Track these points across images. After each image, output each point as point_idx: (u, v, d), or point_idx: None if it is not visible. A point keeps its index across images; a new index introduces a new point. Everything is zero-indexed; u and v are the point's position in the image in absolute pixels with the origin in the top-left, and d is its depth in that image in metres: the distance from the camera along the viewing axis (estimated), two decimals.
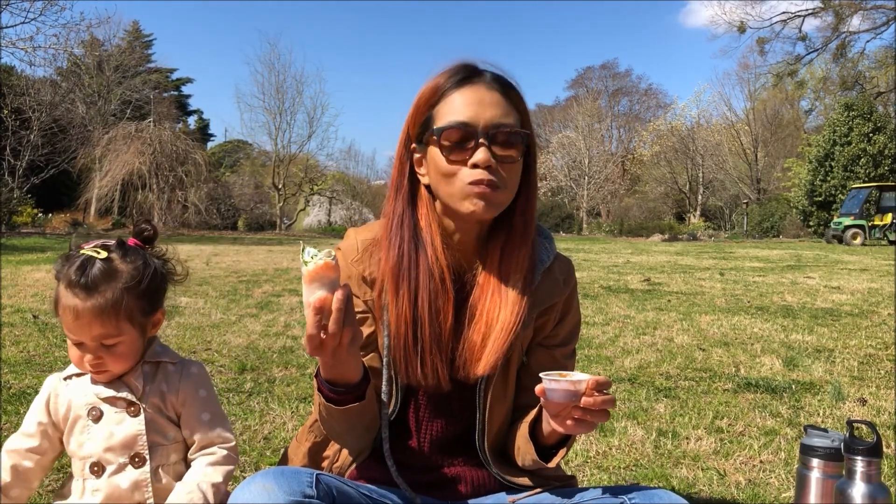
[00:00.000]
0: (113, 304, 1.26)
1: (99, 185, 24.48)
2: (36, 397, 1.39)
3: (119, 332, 1.29)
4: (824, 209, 28.72)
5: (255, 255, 12.87)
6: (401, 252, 1.24)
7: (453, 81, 1.22)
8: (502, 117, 1.20)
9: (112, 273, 1.28)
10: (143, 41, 41.46)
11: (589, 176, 39.38)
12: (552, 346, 1.35)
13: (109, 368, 1.31)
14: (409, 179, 1.28)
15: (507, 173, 1.21)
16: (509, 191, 1.23)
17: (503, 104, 1.21)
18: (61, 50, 20.22)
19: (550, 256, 1.34)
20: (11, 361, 3.73)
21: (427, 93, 1.23)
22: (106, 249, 1.31)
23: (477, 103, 1.20)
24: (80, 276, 1.26)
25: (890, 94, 32.22)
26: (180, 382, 1.36)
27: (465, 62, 1.24)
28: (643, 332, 5.07)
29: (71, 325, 1.27)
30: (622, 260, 13.23)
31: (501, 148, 1.19)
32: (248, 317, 5.48)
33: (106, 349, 1.29)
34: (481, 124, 1.19)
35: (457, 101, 1.20)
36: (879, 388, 3.53)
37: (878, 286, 8.43)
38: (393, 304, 1.23)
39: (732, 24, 34.77)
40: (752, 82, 38.73)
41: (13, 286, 7.11)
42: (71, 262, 1.29)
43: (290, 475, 1.09)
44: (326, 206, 37.00)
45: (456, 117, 1.19)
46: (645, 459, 2.50)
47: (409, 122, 1.26)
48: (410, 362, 1.23)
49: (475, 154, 1.18)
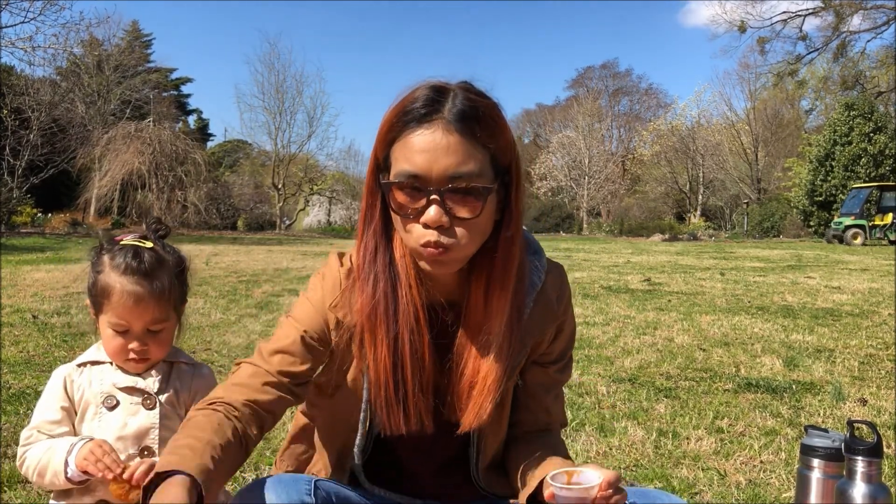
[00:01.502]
0: (169, 289, 1.34)
1: (98, 185, 24.50)
2: (48, 387, 1.39)
3: (167, 317, 1.36)
4: (825, 209, 28.71)
5: (254, 255, 12.87)
6: (376, 296, 1.13)
7: (411, 116, 1.05)
8: (459, 166, 1.02)
9: (162, 260, 1.36)
10: (142, 41, 41.46)
11: (589, 176, 39.39)
12: (547, 364, 1.28)
13: (151, 356, 1.36)
14: (382, 211, 1.14)
15: (466, 229, 1.06)
16: (470, 245, 1.08)
17: (463, 148, 1.03)
18: (61, 50, 20.25)
19: (542, 275, 1.23)
20: (11, 361, 3.73)
21: (385, 125, 1.08)
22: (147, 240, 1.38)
23: (431, 150, 1.02)
24: (138, 263, 1.32)
25: (890, 94, 32.21)
26: (193, 381, 1.41)
27: (431, 85, 1.07)
28: (643, 332, 5.07)
29: (128, 310, 1.31)
30: (622, 260, 13.23)
31: (457, 205, 1.04)
32: (247, 317, 5.48)
33: (152, 335, 1.34)
34: (434, 176, 1.02)
35: (410, 146, 1.04)
36: (880, 388, 3.53)
37: (878, 286, 8.42)
38: (371, 352, 1.14)
39: (733, 24, 34.79)
40: (752, 82, 38.75)
41: (13, 286, 7.11)
42: (119, 251, 1.34)
43: (287, 483, 1.08)
44: (326, 206, 37.03)
45: (406, 167, 1.04)
46: (645, 460, 2.49)
47: (376, 148, 1.11)
48: (392, 412, 1.14)
49: (426, 212, 1.04)
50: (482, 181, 1.05)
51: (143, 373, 1.38)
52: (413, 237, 1.07)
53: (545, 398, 1.28)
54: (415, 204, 1.05)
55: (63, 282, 7.60)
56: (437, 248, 1.05)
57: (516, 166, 1.11)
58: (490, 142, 1.06)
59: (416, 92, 1.06)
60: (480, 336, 1.15)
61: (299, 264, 10.83)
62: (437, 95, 1.05)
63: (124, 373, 1.37)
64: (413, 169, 1.03)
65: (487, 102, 1.07)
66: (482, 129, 1.05)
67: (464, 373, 1.16)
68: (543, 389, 1.28)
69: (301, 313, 1.20)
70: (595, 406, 3.14)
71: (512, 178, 1.11)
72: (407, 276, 1.14)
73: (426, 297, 1.16)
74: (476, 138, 1.04)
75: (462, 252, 1.08)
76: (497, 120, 1.08)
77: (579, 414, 2.99)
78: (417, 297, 1.14)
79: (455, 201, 1.04)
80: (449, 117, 1.03)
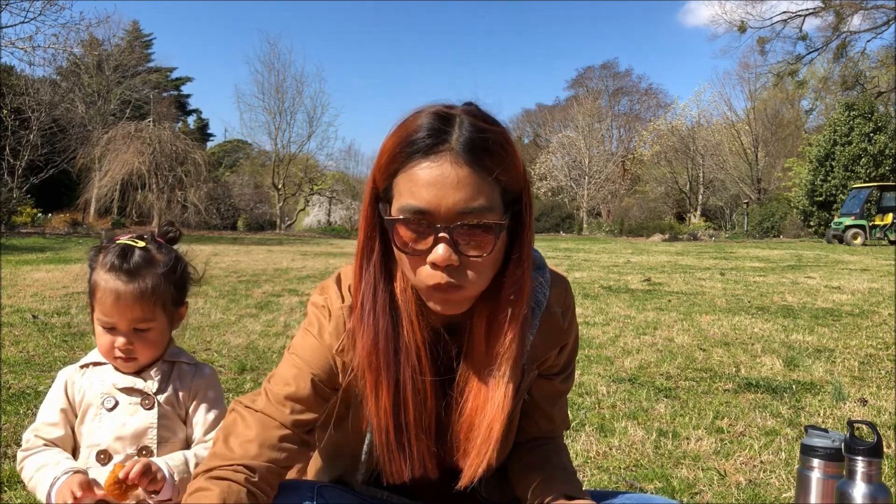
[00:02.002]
0: (152, 289, 1.34)
1: (98, 185, 24.49)
2: (51, 388, 1.41)
3: (153, 318, 1.35)
4: (825, 209, 28.72)
5: (254, 255, 12.87)
6: (377, 337, 1.06)
7: (416, 147, 0.97)
8: (469, 202, 0.95)
9: (151, 260, 1.37)
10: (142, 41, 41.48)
11: (589, 176, 39.40)
12: (552, 376, 1.25)
13: (138, 356, 1.36)
14: (381, 243, 1.06)
15: (477, 269, 1.00)
16: (481, 283, 1.03)
17: (473, 182, 0.96)
18: (61, 49, 20.25)
19: (546, 291, 1.17)
20: (11, 361, 3.73)
21: (387, 153, 1.00)
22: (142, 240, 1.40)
23: (439, 185, 0.95)
24: (122, 261, 1.34)
25: (890, 94, 32.21)
26: (193, 381, 1.41)
27: (435, 111, 0.99)
28: (643, 332, 5.07)
29: (110, 308, 1.33)
30: (622, 260, 13.23)
31: (467, 242, 0.97)
32: (247, 317, 5.48)
33: (138, 335, 1.35)
34: (442, 212, 0.95)
35: (416, 179, 0.96)
36: (880, 388, 3.53)
37: (878, 286, 8.42)
38: (372, 396, 1.07)
39: (733, 24, 34.82)
40: (752, 82, 38.75)
41: (13, 286, 7.11)
42: (110, 250, 1.37)
43: (290, 490, 1.07)
44: (326, 206, 37.04)
45: (412, 201, 0.96)
46: (645, 460, 2.49)
47: (375, 175, 1.03)
48: (394, 458, 1.09)
49: (434, 251, 0.97)
50: (493, 216, 0.98)
51: (142, 373, 1.38)
52: (420, 278, 1.00)
53: (550, 408, 1.27)
54: (421, 242, 0.98)
55: (63, 282, 7.60)
56: (448, 290, 0.99)
57: (527, 194, 1.05)
58: (501, 174, 0.98)
59: (420, 119, 0.98)
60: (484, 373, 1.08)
61: (299, 264, 10.83)
62: (442, 124, 0.97)
63: (123, 373, 1.38)
64: (419, 204, 0.96)
65: (496, 129, 1.00)
66: (492, 161, 0.97)
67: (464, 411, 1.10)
68: (548, 401, 1.27)
69: (308, 353, 1.13)
70: (595, 406, 3.14)
71: (522, 206, 1.04)
72: (408, 312, 1.07)
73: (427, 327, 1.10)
74: (486, 170, 0.97)
75: (473, 291, 1.02)
76: (507, 148, 1.00)
77: (579, 414, 2.99)
78: (419, 333, 1.08)
79: (465, 239, 0.97)
80: (457, 148, 0.96)
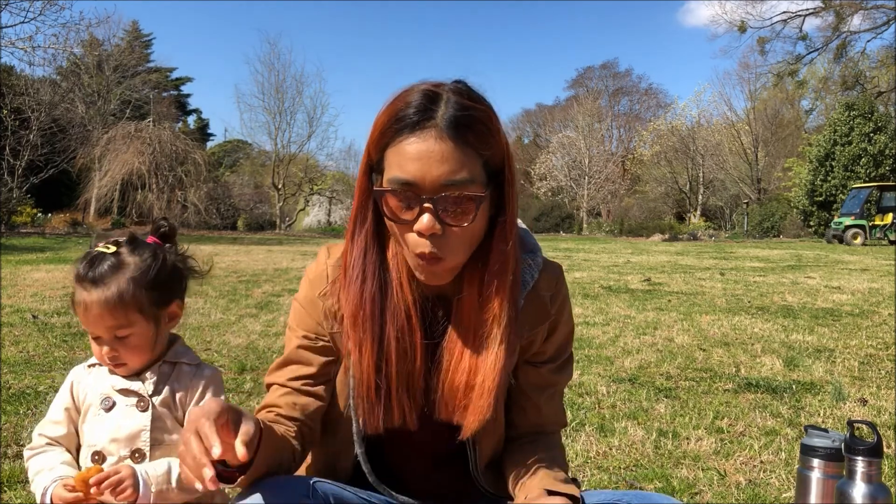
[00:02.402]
0: (119, 296, 1.30)
1: (98, 185, 24.51)
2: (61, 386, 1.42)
3: (129, 324, 1.32)
4: (825, 209, 28.72)
5: (254, 255, 12.88)
6: (363, 297, 1.13)
7: (404, 123, 1.04)
8: (452, 174, 1.02)
9: (119, 266, 1.32)
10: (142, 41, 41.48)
11: (589, 176, 39.39)
12: (539, 364, 1.26)
13: (126, 361, 1.35)
14: (374, 211, 1.13)
15: (459, 237, 1.06)
16: (462, 254, 1.10)
17: (456, 156, 1.02)
18: (61, 50, 20.23)
19: (535, 273, 1.22)
20: (11, 361, 3.73)
21: (378, 129, 1.07)
22: (116, 245, 1.37)
23: (424, 158, 1.02)
24: (87, 270, 1.32)
25: (890, 94, 32.21)
26: (192, 381, 1.40)
27: (423, 89, 1.06)
28: (643, 332, 5.07)
29: (84, 318, 1.33)
30: (622, 260, 13.23)
31: (450, 214, 1.04)
32: (247, 317, 5.48)
33: (120, 341, 1.33)
34: (427, 184, 1.02)
35: (404, 152, 1.03)
36: (880, 388, 3.53)
37: (878, 286, 8.42)
38: (355, 352, 1.14)
39: (733, 24, 34.81)
40: (752, 82, 38.74)
41: (13, 286, 7.11)
42: (83, 258, 1.35)
43: (284, 487, 1.07)
44: (326, 206, 37.05)
45: (399, 174, 1.04)
46: (645, 460, 2.49)
47: (369, 148, 1.10)
48: (373, 410, 1.15)
49: (419, 220, 1.04)
50: (475, 189, 1.05)
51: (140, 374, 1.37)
52: (407, 243, 1.07)
53: (538, 398, 1.27)
54: (408, 211, 1.05)
55: (63, 282, 7.60)
56: (431, 259, 1.06)
57: (510, 167, 1.11)
58: (483, 148, 1.05)
59: (409, 96, 1.05)
60: (476, 334, 1.14)
61: (299, 264, 10.83)
62: (429, 102, 1.04)
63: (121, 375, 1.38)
64: (406, 177, 1.03)
65: (480, 107, 1.06)
66: (475, 136, 1.04)
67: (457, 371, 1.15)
68: (536, 390, 1.26)
69: (294, 319, 1.24)
70: (595, 406, 3.14)
71: (505, 178, 1.11)
72: (399, 274, 1.15)
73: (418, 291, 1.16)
74: (469, 145, 1.04)
75: (454, 262, 1.09)
76: (490, 125, 1.07)
77: (579, 414, 2.99)
78: (409, 295, 1.14)
79: (448, 209, 1.04)
80: (442, 125, 1.02)
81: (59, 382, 3.37)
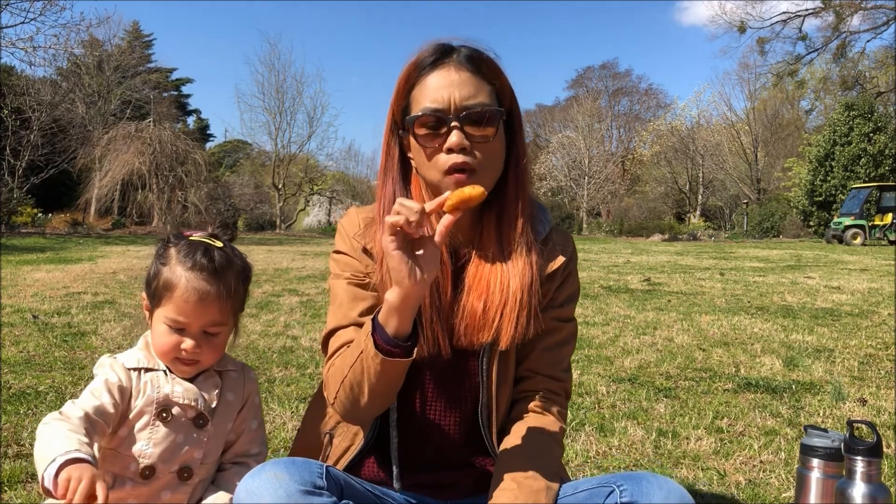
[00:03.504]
0: (234, 292, 1.29)
1: (99, 185, 24.48)
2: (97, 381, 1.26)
3: (225, 321, 1.30)
4: (824, 209, 28.72)
5: (254, 255, 12.80)
6: None
7: (424, 65, 1.22)
8: (473, 97, 1.19)
9: (231, 261, 1.31)
10: (142, 41, 41.49)
11: (589, 176, 39.38)
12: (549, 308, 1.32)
13: (202, 359, 1.29)
14: (400, 161, 1.29)
15: (484, 153, 1.20)
16: (490, 170, 1.23)
17: (474, 82, 1.20)
18: (61, 50, 20.25)
19: (547, 228, 1.34)
20: (11, 361, 3.73)
21: (402, 80, 1.24)
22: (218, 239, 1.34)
23: (447, 86, 1.19)
24: (208, 260, 1.27)
25: (890, 94, 32.22)
26: (245, 388, 1.37)
27: (437, 42, 1.23)
28: (643, 332, 5.07)
29: (191, 308, 1.25)
30: (622, 260, 13.23)
31: (475, 127, 1.19)
32: (247, 317, 5.47)
33: (207, 337, 1.28)
34: (452, 107, 1.18)
35: (428, 86, 1.20)
36: (879, 388, 3.53)
37: (878, 286, 8.42)
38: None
39: (733, 24, 34.81)
40: (752, 82, 38.77)
41: (13, 286, 7.11)
42: (191, 247, 1.29)
43: (301, 465, 1.09)
44: (326, 206, 37.02)
45: (427, 104, 1.19)
46: (645, 459, 2.50)
47: (393, 106, 1.26)
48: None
49: (448, 138, 1.18)
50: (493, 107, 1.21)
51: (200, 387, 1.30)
52: (438, 165, 1.20)
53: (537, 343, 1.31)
54: (438, 133, 1.19)
55: (63, 282, 7.60)
56: (463, 171, 1.18)
57: (517, 111, 1.29)
58: (494, 79, 1.23)
59: (425, 47, 1.23)
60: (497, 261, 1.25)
61: (299, 264, 10.83)
62: (444, 48, 1.23)
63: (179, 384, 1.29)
64: (433, 104, 1.19)
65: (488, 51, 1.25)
66: (488, 68, 1.23)
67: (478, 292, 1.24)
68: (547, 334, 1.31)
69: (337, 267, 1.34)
70: (595, 406, 3.14)
71: (514, 120, 1.28)
72: None
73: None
74: (483, 75, 1.22)
75: (483, 177, 1.20)
76: (498, 65, 1.25)
77: (579, 414, 2.99)
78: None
79: (472, 126, 1.19)
80: (459, 59, 1.21)
81: (60, 382, 3.38)
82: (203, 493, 1.31)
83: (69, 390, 3.15)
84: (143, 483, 1.25)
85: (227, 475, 1.32)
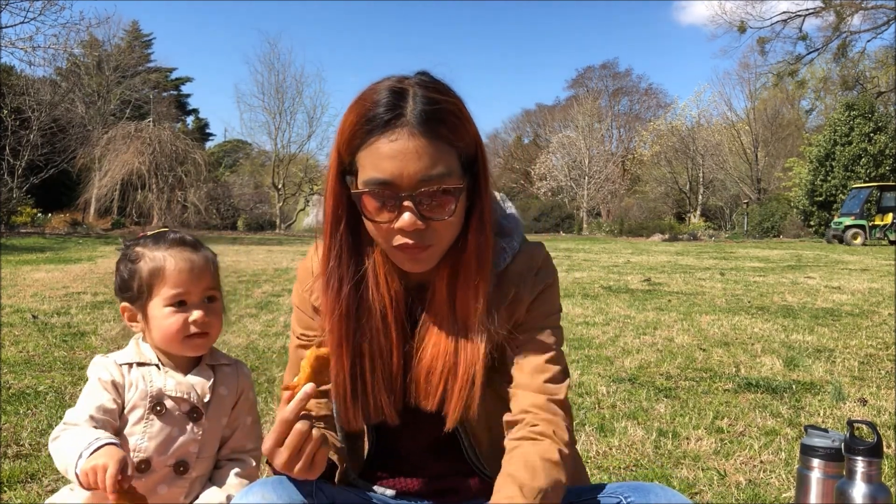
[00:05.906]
0: (214, 258, 1.39)
1: (98, 185, 24.50)
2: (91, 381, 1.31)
3: (218, 286, 1.38)
4: (825, 209, 28.72)
5: (254, 255, 12.87)
6: (340, 299, 1.13)
7: (374, 124, 1.03)
8: (428, 170, 1.02)
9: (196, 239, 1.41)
10: (142, 41, 41.50)
11: (589, 176, 39.40)
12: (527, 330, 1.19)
13: (211, 330, 1.34)
14: (348, 212, 1.13)
15: (441, 228, 1.07)
16: (445, 242, 1.10)
17: (430, 152, 1.02)
18: (61, 50, 20.24)
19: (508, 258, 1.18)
20: (11, 361, 3.73)
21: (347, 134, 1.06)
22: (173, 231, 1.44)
23: (400, 156, 1.01)
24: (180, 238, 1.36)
25: (890, 94, 32.21)
26: (238, 382, 1.39)
27: (388, 88, 1.04)
28: (643, 332, 5.07)
29: (185, 277, 1.31)
30: (622, 260, 13.23)
31: (430, 208, 1.04)
32: (247, 317, 5.48)
33: (209, 306, 1.34)
34: (405, 182, 1.02)
35: (378, 153, 1.02)
36: (880, 388, 3.53)
37: (878, 286, 8.42)
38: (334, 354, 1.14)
39: (733, 24, 34.81)
40: (752, 82, 38.79)
41: (13, 286, 7.11)
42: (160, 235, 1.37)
43: (289, 483, 1.07)
44: None
45: (377, 174, 1.03)
46: (645, 459, 2.49)
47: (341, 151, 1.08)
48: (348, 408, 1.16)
49: (400, 218, 1.04)
50: (452, 181, 1.04)
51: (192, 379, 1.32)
52: (389, 239, 1.07)
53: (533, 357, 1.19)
54: (388, 210, 1.05)
55: (63, 282, 7.60)
56: (416, 248, 1.06)
57: (482, 156, 1.11)
58: (456, 139, 1.05)
59: (375, 95, 1.04)
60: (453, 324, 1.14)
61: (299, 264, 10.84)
62: (396, 99, 1.03)
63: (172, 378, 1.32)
64: (383, 176, 1.02)
65: (448, 99, 1.05)
66: (447, 129, 1.04)
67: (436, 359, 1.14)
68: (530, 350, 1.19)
69: (293, 319, 1.29)
70: (595, 406, 3.14)
71: (479, 167, 1.10)
72: (375, 274, 1.14)
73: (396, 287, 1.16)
74: (441, 138, 1.03)
75: (438, 249, 1.10)
76: (460, 116, 1.06)
77: (579, 414, 2.99)
78: (386, 294, 1.15)
79: (428, 204, 1.04)
80: (413, 121, 1.01)
81: (59, 382, 3.38)
82: (201, 490, 1.32)
83: (69, 390, 3.15)
84: (139, 477, 1.27)
85: (223, 472, 1.34)
